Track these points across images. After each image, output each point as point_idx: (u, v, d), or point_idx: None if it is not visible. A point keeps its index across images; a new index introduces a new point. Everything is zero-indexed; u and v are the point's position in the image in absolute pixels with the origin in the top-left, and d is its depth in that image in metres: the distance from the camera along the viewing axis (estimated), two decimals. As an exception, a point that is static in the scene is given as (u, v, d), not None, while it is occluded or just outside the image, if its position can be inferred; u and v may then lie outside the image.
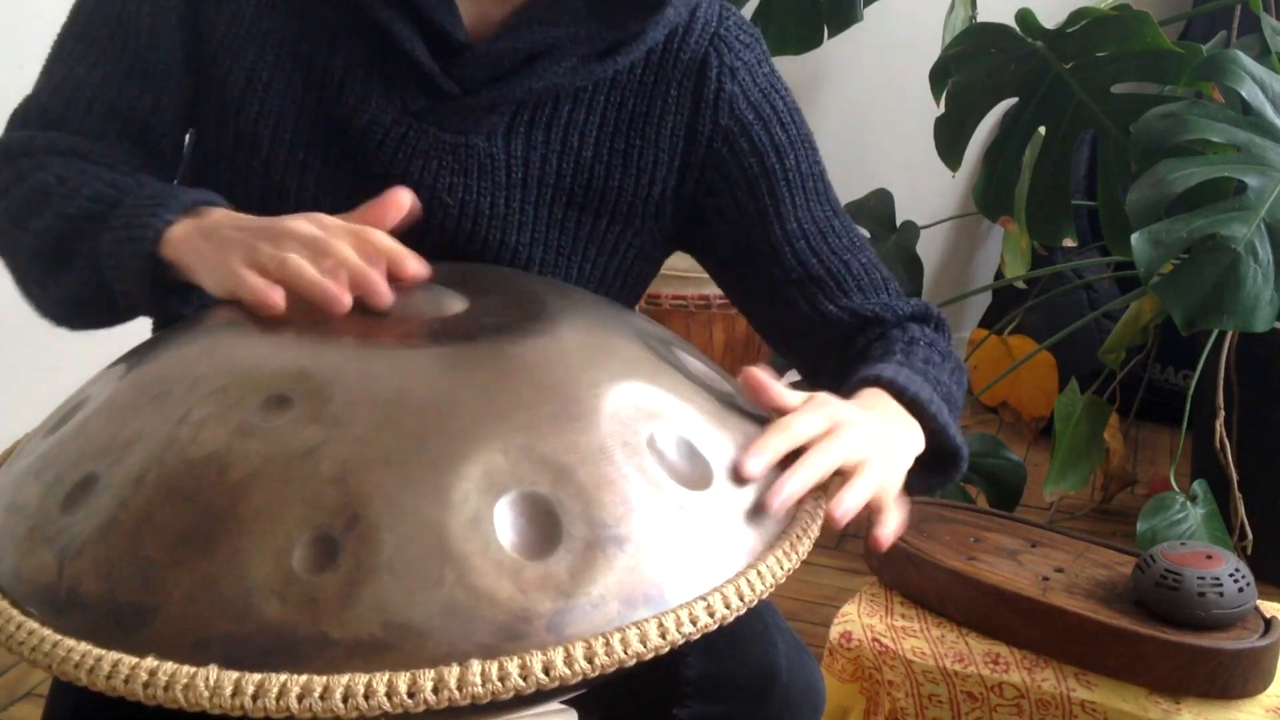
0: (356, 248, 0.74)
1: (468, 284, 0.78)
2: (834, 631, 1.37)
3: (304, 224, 0.75)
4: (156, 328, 1.02)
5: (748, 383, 0.75)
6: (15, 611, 0.61)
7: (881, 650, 1.33)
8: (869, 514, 0.75)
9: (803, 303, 0.96)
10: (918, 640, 1.33)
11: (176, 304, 0.81)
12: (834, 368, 0.94)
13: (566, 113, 0.91)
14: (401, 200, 0.78)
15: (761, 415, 0.79)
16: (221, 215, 0.79)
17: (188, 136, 0.94)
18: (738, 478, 0.69)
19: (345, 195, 0.89)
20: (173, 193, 0.80)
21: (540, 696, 0.58)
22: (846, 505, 0.71)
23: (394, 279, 0.75)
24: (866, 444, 0.75)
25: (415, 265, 0.75)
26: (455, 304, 0.75)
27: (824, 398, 0.76)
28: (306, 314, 0.72)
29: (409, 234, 0.89)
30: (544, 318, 0.74)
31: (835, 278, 0.96)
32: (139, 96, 0.89)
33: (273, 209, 0.88)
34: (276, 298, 0.72)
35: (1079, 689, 1.25)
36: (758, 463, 0.69)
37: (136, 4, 0.88)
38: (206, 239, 0.77)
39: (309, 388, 0.65)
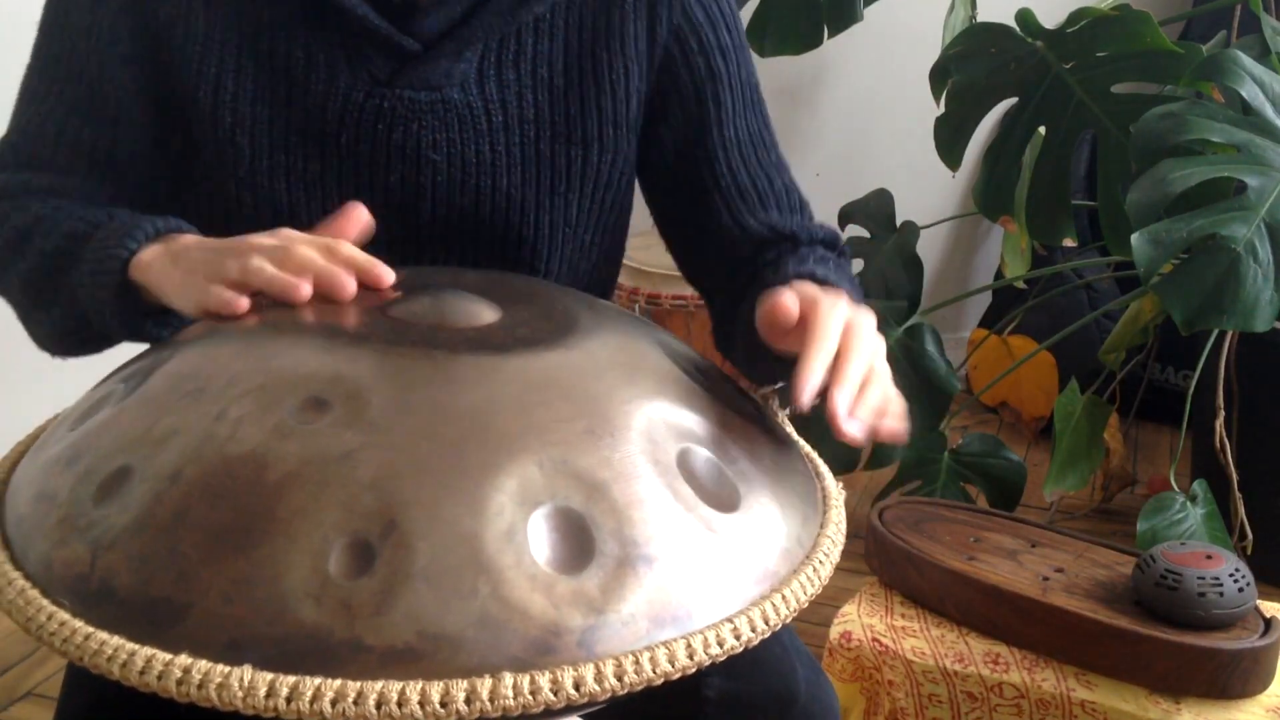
0: (322, 254, 0.75)
1: (499, 293, 0.78)
2: (834, 631, 1.37)
3: (267, 238, 0.76)
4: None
5: (775, 307, 0.75)
6: (46, 601, 0.61)
7: (881, 650, 1.33)
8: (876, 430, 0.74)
9: (725, 213, 0.97)
10: (918, 640, 1.33)
11: (153, 329, 0.83)
12: (743, 282, 0.95)
13: (531, 46, 0.92)
14: (360, 215, 0.79)
15: (787, 437, 0.79)
16: (190, 240, 0.80)
17: (169, 153, 0.95)
18: (797, 412, 0.71)
19: (335, 183, 0.90)
20: (140, 221, 0.81)
21: (563, 711, 0.58)
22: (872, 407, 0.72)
23: (366, 287, 0.75)
24: (875, 338, 0.76)
25: (385, 274, 0.76)
26: (488, 313, 0.75)
27: (828, 300, 0.76)
28: (342, 318, 0.73)
29: (405, 197, 0.91)
30: (576, 331, 0.74)
31: (759, 191, 0.98)
32: (98, 133, 0.90)
33: (266, 215, 0.90)
34: (241, 303, 0.73)
35: (1079, 689, 1.25)
36: (810, 392, 0.71)
37: (84, 44, 0.89)
38: (175, 263, 0.78)
39: (347, 391, 0.65)
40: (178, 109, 0.91)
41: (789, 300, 0.75)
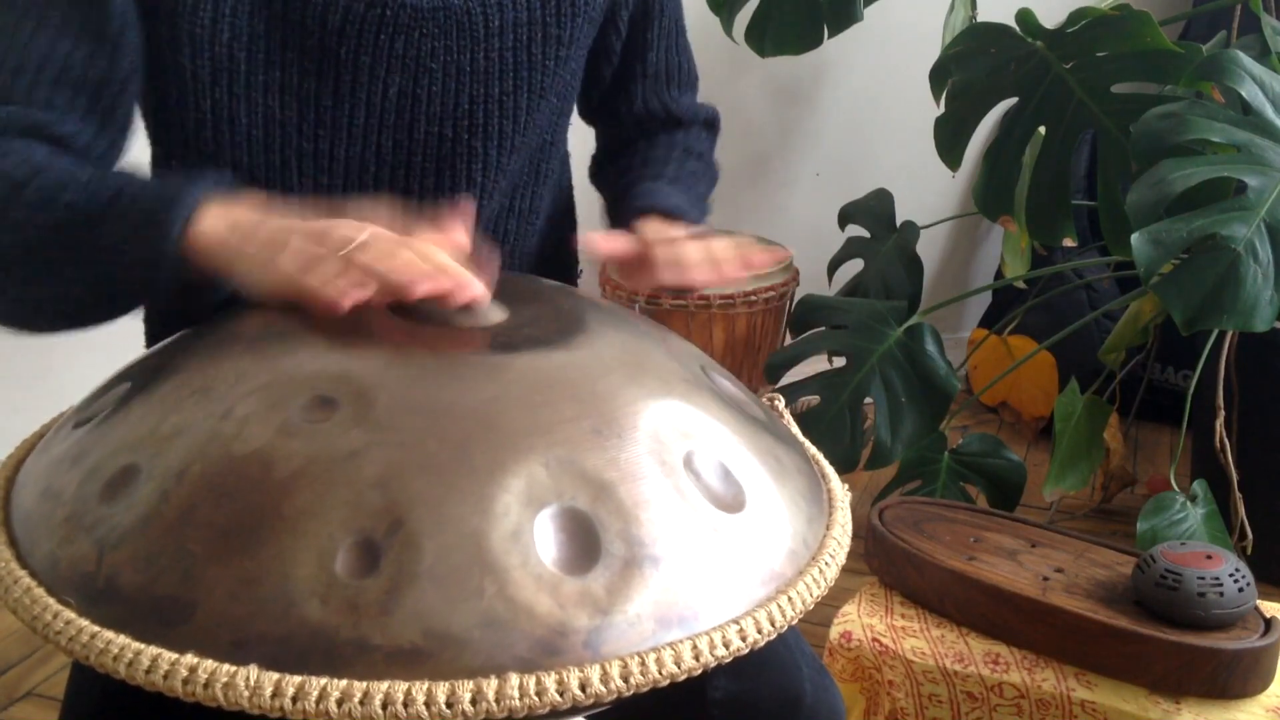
0: (424, 259, 0.73)
1: (507, 293, 0.78)
2: (834, 631, 1.37)
3: (353, 230, 0.73)
4: (150, 330, 1.02)
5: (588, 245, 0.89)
6: (51, 600, 0.61)
7: (881, 650, 1.33)
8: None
9: (640, 97, 1.10)
10: (918, 640, 1.33)
11: (203, 297, 0.80)
12: (624, 164, 1.12)
13: None
14: (459, 234, 0.78)
15: (792, 438, 0.79)
16: (250, 213, 0.77)
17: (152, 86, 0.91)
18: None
19: (330, 99, 0.91)
20: (185, 184, 0.77)
21: (569, 712, 0.58)
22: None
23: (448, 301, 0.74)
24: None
25: (478, 292, 0.74)
26: (495, 313, 0.75)
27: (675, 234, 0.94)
28: (348, 317, 0.73)
29: (401, 110, 0.93)
30: (583, 332, 0.74)
31: (669, 72, 1.10)
32: (91, 57, 0.84)
33: (258, 132, 0.90)
34: (345, 302, 0.71)
35: (1079, 689, 1.26)
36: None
37: None
38: (244, 237, 0.75)
39: (353, 390, 0.65)
40: (166, 24, 0.87)
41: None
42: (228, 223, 0.76)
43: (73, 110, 0.84)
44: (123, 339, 1.00)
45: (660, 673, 0.58)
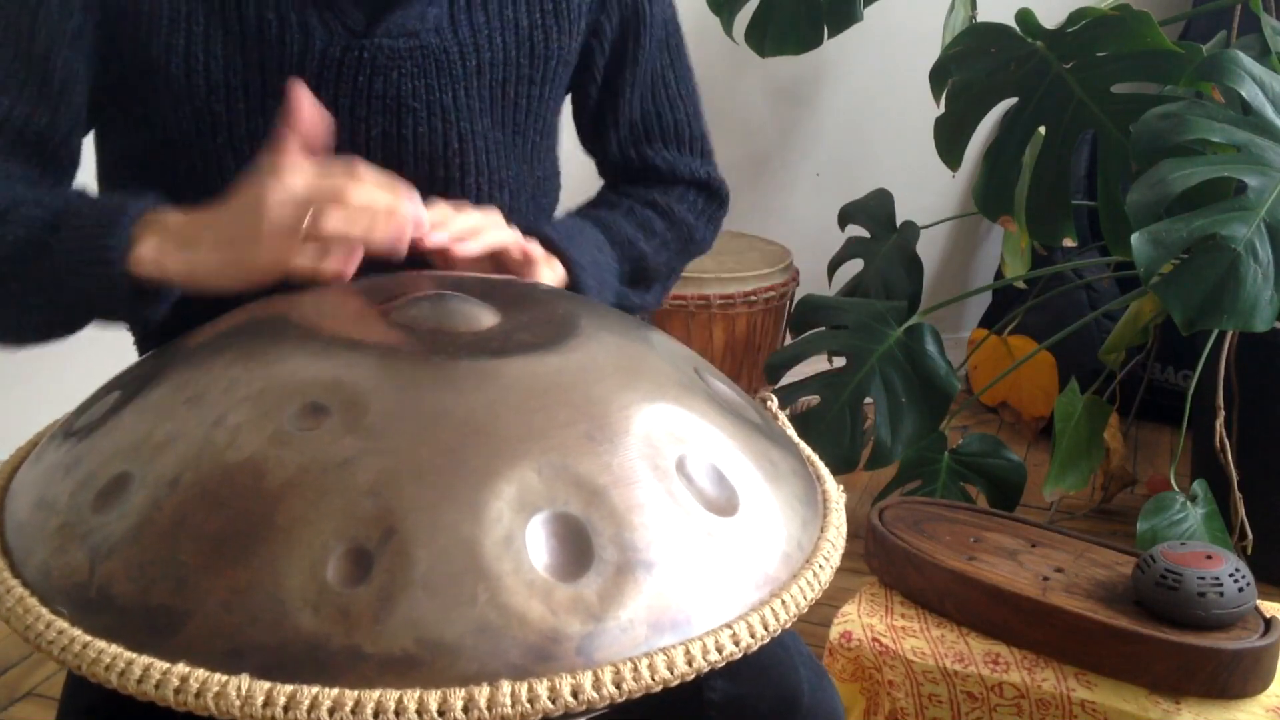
0: (370, 201, 0.78)
1: (498, 298, 0.78)
2: (834, 631, 1.37)
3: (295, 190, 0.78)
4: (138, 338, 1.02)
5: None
6: (44, 610, 0.61)
7: (881, 650, 1.33)
8: None
9: (615, 145, 1.07)
10: (918, 640, 1.33)
11: (154, 310, 0.83)
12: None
13: None
14: (303, 101, 0.81)
15: (787, 440, 0.79)
16: (180, 216, 0.81)
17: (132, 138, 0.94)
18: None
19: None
20: (115, 208, 0.81)
21: (562, 719, 0.58)
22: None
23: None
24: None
25: (424, 221, 0.81)
26: (487, 318, 0.75)
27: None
28: (340, 324, 0.73)
29: (388, 152, 0.93)
30: (576, 336, 0.74)
31: (647, 125, 1.07)
32: (32, 113, 0.87)
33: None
34: (349, 268, 0.77)
35: (1079, 689, 1.25)
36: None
37: (30, 19, 0.86)
38: (188, 246, 0.79)
39: (345, 397, 0.65)
40: (142, 80, 0.89)
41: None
42: (170, 235, 0.80)
43: (15, 155, 0.88)
44: (114, 347, 1.00)
45: (653, 678, 0.58)
